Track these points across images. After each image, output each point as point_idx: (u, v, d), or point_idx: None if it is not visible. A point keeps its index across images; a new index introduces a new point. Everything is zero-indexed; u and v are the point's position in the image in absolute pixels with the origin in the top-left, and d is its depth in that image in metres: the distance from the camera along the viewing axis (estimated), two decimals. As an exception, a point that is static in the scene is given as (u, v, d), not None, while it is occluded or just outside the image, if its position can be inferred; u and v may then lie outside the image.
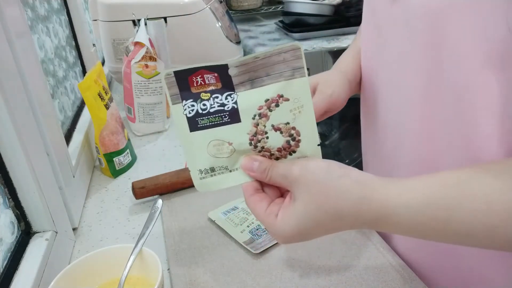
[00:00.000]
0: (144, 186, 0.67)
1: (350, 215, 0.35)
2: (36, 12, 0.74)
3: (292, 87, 0.37)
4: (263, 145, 0.38)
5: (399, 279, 0.48)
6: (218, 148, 0.38)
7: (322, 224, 0.35)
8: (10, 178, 0.50)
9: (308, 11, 1.49)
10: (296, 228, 0.36)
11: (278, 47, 0.36)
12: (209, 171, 0.39)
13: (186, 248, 0.56)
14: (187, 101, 0.37)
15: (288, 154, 0.39)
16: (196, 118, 0.37)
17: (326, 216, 0.35)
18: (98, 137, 0.73)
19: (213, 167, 0.39)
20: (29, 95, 0.53)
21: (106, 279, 0.48)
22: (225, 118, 0.37)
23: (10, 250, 0.48)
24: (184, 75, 0.37)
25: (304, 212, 0.35)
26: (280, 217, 0.37)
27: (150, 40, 0.87)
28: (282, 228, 0.36)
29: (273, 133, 0.38)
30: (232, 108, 0.37)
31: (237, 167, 0.39)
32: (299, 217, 0.36)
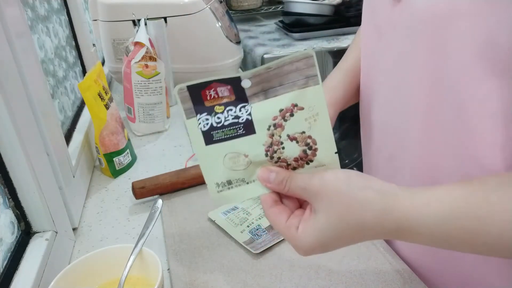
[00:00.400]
0: (144, 186, 0.67)
1: (373, 227, 0.34)
2: (36, 12, 0.74)
3: (306, 95, 0.36)
4: (280, 156, 0.38)
5: (399, 280, 0.48)
6: (234, 161, 0.38)
7: (344, 236, 0.35)
8: (10, 178, 0.50)
9: (308, 11, 1.49)
10: (318, 240, 0.36)
11: (291, 57, 0.36)
12: (226, 184, 0.39)
13: (186, 248, 0.56)
14: (202, 115, 0.37)
15: (305, 163, 0.38)
16: (211, 132, 0.37)
17: (349, 228, 0.35)
18: (98, 137, 0.73)
19: (230, 180, 0.39)
20: (29, 95, 0.53)
21: (106, 279, 0.48)
22: (240, 131, 0.37)
23: (10, 250, 0.48)
24: (197, 89, 0.37)
25: (326, 224, 0.35)
26: (301, 230, 0.36)
27: (150, 40, 0.87)
28: (304, 240, 0.36)
29: (289, 143, 0.38)
30: (247, 120, 0.37)
31: (254, 179, 0.39)
32: (321, 230, 0.35)
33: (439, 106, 0.41)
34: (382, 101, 0.51)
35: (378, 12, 0.49)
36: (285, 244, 0.55)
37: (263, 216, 0.60)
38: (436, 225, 0.33)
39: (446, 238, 0.33)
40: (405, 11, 0.43)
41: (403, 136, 0.47)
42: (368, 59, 0.54)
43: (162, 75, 0.87)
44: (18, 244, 0.50)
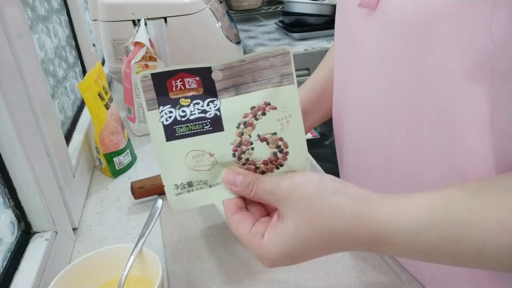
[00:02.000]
0: (142, 186, 0.67)
1: (346, 236, 0.32)
2: (36, 12, 0.74)
3: (280, 94, 0.34)
4: (248, 157, 0.36)
5: (396, 281, 0.48)
6: (197, 160, 0.35)
7: (314, 245, 0.33)
8: (10, 178, 0.50)
9: (308, 11, 1.49)
10: (286, 250, 0.33)
11: (266, 51, 0.34)
12: (186, 186, 0.36)
13: (183, 248, 0.56)
14: (165, 107, 0.34)
15: (275, 167, 0.36)
16: (173, 126, 0.34)
17: (319, 236, 0.32)
18: (98, 137, 0.73)
19: (191, 182, 0.36)
20: (29, 95, 0.53)
21: (106, 279, 0.48)
22: (206, 126, 0.35)
23: (10, 250, 0.49)
24: (162, 78, 0.34)
25: (295, 232, 0.32)
26: (267, 238, 0.34)
27: (150, 40, 0.87)
28: (270, 250, 0.33)
29: (259, 143, 0.35)
30: (215, 116, 0.34)
31: (218, 181, 0.36)
32: (289, 238, 0.33)
33: (420, 116, 0.40)
34: (359, 114, 0.49)
35: (351, 22, 0.48)
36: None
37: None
38: (414, 233, 0.31)
39: (425, 248, 0.32)
40: (380, 20, 0.42)
41: (384, 149, 0.46)
42: (341, 71, 0.53)
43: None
44: (18, 244, 0.50)
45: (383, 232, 0.32)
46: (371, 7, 0.42)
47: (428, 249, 0.32)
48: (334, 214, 0.32)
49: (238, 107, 0.35)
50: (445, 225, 0.31)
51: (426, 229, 0.31)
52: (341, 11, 0.52)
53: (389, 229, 0.32)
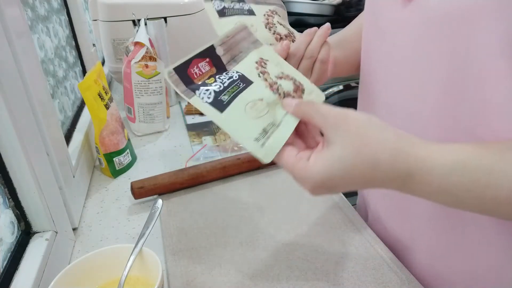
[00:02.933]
0: (142, 186, 0.67)
1: (384, 167, 0.34)
2: (36, 12, 0.74)
3: (262, 52, 0.43)
4: (284, 91, 0.41)
5: (396, 281, 0.48)
6: (255, 109, 0.39)
7: (356, 171, 0.34)
8: (10, 178, 0.50)
9: (308, 11, 1.49)
10: (329, 171, 0.34)
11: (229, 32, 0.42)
12: (263, 134, 0.38)
13: (183, 249, 0.56)
14: (200, 90, 0.38)
15: (302, 93, 0.42)
16: (217, 98, 0.38)
17: (362, 163, 0.34)
18: (98, 137, 0.73)
19: (264, 128, 0.38)
20: (29, 95, 0.53)
21: (106, 279, 0.48)
22: (240, 85, 0.39)
23: (10, 250, 0.49)
24: (183, 69, 0.39)
25: (340, 155, 0.34)
26: (313, 160, 0.36)
27: (150, 40, 0.87)
28: (314, 171, 0.35)
29: (281, 81, 0.41)
30: (239, 76, 0.40)
31: (280, 119, 0.39)
32: (334, 160, 0.35)
33: (456, 107, 0.40)
34: (388, 104, 0.49)
35: (382, 13, 0.48)
36: (283, 244, 0.55)
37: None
38: (447, 173, 0.33)
39: (455, 190, 0.33)
40: (417, 11, 0.42)
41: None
42: (370, 62, 0.53)
43: (162, 75, 0.87)
44: (18, 244, 0.50)
45: (419, 168, 0.34)
46: None
47: (458, 191, 0.34)
48: (378, 145, 0.34)
49: (247, 66, 0.41)
50: (478, 169, 0.33)
51: (459, 171, 0.33)
52: (370, 3, 0.52)
53: (425, 167, 0.34)
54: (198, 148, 0.83)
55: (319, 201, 0.63)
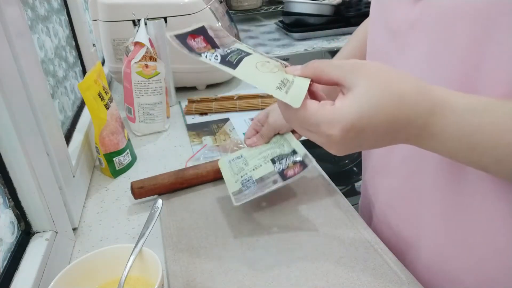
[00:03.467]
0: (142, 186, 0.67)
1: (410, 100, 0.34)
2: (36, 12, 0.74)
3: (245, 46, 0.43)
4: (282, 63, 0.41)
5: (396, 281, 0.48)
6: (266, 66, 0.39)
7: (383, 107, 0.34)
8: (10, 178, 0.50)
9: (308, 11, 1.49)
10: (359, 110, 0.34)
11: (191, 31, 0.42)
12: (282, 84, 0.38)
13: (183, 248, 0.56)
14: (205, 53, 0.39)
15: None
16: (226, 59, 0.39)
17: (389, 96, 0.34)
18: (98, 137, 0.73)
19: (281, 80, 0.38)
20: (29, 95, 0.53)
21: (106, 279, 0.48)
22: (242, 53, 0.40)
23: (10, 250, 0.49)
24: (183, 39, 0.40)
25: (367, 93, 0.34)
26: (339, 103, 0.35)
27: (150, 40, 0.87)
28: (344, 111, 0.34)
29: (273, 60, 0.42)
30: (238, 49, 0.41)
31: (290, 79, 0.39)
32: (362, 99, 0.34)
33: None
34: None
35: (392, 11, 0.47)
36: (283, 244, 0.55)
37: (258, 167, 0.60)
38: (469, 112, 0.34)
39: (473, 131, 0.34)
40: (428, 8, 0.41)
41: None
42: (375, 57, 0.52)
43: (162, 75, 0.87)
44: (18, 244, 0.50)
45: (441, 105, 0.34)
46: None
47: (475, 132, 0.34)
48: (402, 81, 0.35)
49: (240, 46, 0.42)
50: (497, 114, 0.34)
51: (480, 112, 0.34)
52: (377, 3, 0.51)
53: (447, 104, 0.34)
54: (198, 148, 0.83)
55: (319, 201, 0.63)
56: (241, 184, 0.58)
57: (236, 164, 0.63)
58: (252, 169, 0.60)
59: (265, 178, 0.58)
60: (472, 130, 0.34)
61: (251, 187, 0.57)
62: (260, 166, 0.60)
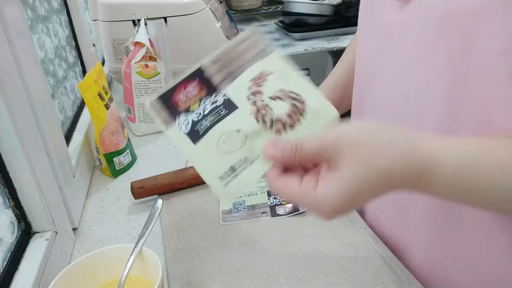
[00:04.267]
0: (142, 186, 0.67)
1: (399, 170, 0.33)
2: (36, 12, 0.74)
3: (269, 63, 0.37)
4: (271, 117, 0.36)
5: (396, 281, 0.48)
6: (228, 142, 0.36)
7: (371, 184, 0.33)
8: (10, 178, 0.50)
9: (308, 11, 1.49)
10: (344, 194, 0.32)
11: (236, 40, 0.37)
12: (230, 173, 0.36)
13: (183, 249, 0.56)
14: (180, 119, 0.36)
15: (300, 115, 0.37)
16: (194, 128, 0.36)
17: (376, 174, 0.32)
18: (98, 137, 0.73)
19: (232, 166, 0.36)
20: (29, 95, 0.53)
21: (106, 279, 0.48)
22: (222, 112, 0.36)
23: (10, 250, 0.49)
24: (168, 97, 0.37)
25: (352, 175, 0.32)
26: (322, 189, 0.33)
27: (150, 40, 0.87)
28: (328, 200, 0.33)
29: (274, 103, 0.36)
30: (225, 101, 0.37)
31: (257, 154, 0.36)
32: (346, 181, 0.32)
33: (458, 108, 0.40)
34: (387, 108, 0.49)
35: (381, 15, 0.47)
36: (283, 244, 0.55)
37: (253, 194, 0.62)
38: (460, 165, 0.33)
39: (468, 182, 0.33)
40: (415, 12, 0.41)
41: None
42: (368, 67, 0.52)
43: (162, 75, 0.87)
44: (18, 244, 0.50)
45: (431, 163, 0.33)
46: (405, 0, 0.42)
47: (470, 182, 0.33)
48: (387, 152, 0.33)
49: (240, 85, 0.37)
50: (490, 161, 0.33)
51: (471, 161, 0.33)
52: (366, 5, 0.51)
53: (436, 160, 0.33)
54: (198, 148, 0.83)
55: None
56: (232, 206, 0.61)
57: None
58: (247, 195, 0.62)
59: (256, 207, 0.61)
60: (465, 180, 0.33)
61: (241, 212, 0.60)
62: (255, 194, 0.62)
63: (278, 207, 0.61)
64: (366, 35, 0.52)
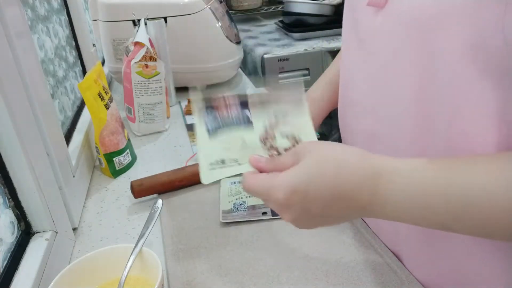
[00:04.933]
0: (142, 184, 0.67)
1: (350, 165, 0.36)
2: (36, 12, 0.74)
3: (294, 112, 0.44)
4: (272, 144, 0.43)
5: (396, 281, 0.48)
6: (230, 142, 0.43)
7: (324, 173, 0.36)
8: (10, 178, 0.50)
9: (308, 11, 1.49)
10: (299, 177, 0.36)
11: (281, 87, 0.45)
12: (219, 164, 0.42)
13: (183, 248, 0.56)
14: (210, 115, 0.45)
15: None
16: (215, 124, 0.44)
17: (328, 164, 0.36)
18: (98, 137, 0.73)
19: (223, 160, 0.42)
20: (29, 95, 0.53)
21: (106, 279, 0.48)
22: (240, 124, 0.44)
23: (10, 250, 0.49)
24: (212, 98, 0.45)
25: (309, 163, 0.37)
26: (284, 173, 0.37)
27: (150, 40, 0.87)
28: (285, 179, 0.37)
29: (281, 138, 0.43)
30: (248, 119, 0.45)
31: (246, 161, 0.42)
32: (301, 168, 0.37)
33: (429, 111, 0.41)
34: (365, 110, 0.50)
35: (359, 21, 0.49)
36: (283, 244, 0.55)
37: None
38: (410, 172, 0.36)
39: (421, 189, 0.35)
40: (388, 17, 0.43)
41: (391, 144, 0.47)
42: (348, 68, 0.53)
43: (162, 75, 0.87)
44: (18, 244, 0.50)
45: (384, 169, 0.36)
46: (379, 5, 0.44)
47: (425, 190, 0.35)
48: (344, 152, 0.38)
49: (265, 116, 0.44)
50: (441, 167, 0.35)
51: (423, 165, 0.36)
52: (348, 11, 0.53)
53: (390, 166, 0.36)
54: (198, 148, 0.83)
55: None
56: (232, 206, 0.62)
57: (235, 187, 0.66)
58: (248, 196, 0.64)
59: (256, 207, 0.62)
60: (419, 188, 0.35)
61: (241, 211, 0.61)
62: None
63: None
64: (347, 41, 0.53)
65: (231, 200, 0.63)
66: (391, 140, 0.47)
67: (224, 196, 0.65)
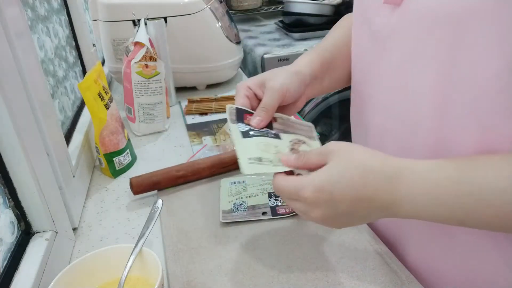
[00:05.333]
0: (140, 179, 0.67)
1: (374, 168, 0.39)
2: (36, 12, 0.74)
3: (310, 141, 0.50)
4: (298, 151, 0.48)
5: (396, 281, 0.48)
6: (266, 147, 0.47)
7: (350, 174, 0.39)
8: (10, 178, 0.50)
9: (308, 11, 1.49)
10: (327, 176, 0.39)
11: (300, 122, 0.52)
12: (257, 160, 0.45)
13: (183, 248, 0.56)
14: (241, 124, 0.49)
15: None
16: (248, 132, 0.48)
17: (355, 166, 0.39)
18: (98, 137, 0.73)
19: (261, 158, 0.45)
20: (29, 95, 0.53)
21: (106, 279, 0.48)
22: (269, 135, 0.49)
23: (10, 250, 0.49)
24: (242, 111, 0.50)
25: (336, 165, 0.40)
26: (311, 175, 0.40)
27: (150, 40, 0.87)
28: (313, 178, 0.40)
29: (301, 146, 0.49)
30: (274, 134, 0.50)
31: (280, 164, 0.45)
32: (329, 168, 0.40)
33: (450, 105, 0.41)
34: (381, 106, 0.50)
35: (372, 18, 0.48)
36: (283, 244, 0.55)
37: (254, 196, 0.64)
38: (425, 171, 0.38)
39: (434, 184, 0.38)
40: (405, 15, 0.42)
41: (408, 140, 0.47)
42: (362, 64, 0.53)
43: (162, 75, 0.87)
44: (18, 244, 0.50)
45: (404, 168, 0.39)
46: (395, 3, 0.44)
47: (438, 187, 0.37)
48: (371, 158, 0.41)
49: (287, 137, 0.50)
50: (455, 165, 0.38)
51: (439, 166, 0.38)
52: (359, 8, 0.52)
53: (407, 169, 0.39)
54: (198, 148, 0.83)
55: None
56: (232, 206, 0.62)
57: (235, 187, 0.67)
58: (248, 196, 0.64)
59: (256, 207, 0.62)
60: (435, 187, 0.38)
61: (241, 211, 0.61)
62: (256, 195, 0.64)
63: (279, 207, 0.61)
64: (360, 33, 0.53)
65: (231, 200, 0.63)
66: (403, 137, 0.47)
67: (224, 196, 0.65)
